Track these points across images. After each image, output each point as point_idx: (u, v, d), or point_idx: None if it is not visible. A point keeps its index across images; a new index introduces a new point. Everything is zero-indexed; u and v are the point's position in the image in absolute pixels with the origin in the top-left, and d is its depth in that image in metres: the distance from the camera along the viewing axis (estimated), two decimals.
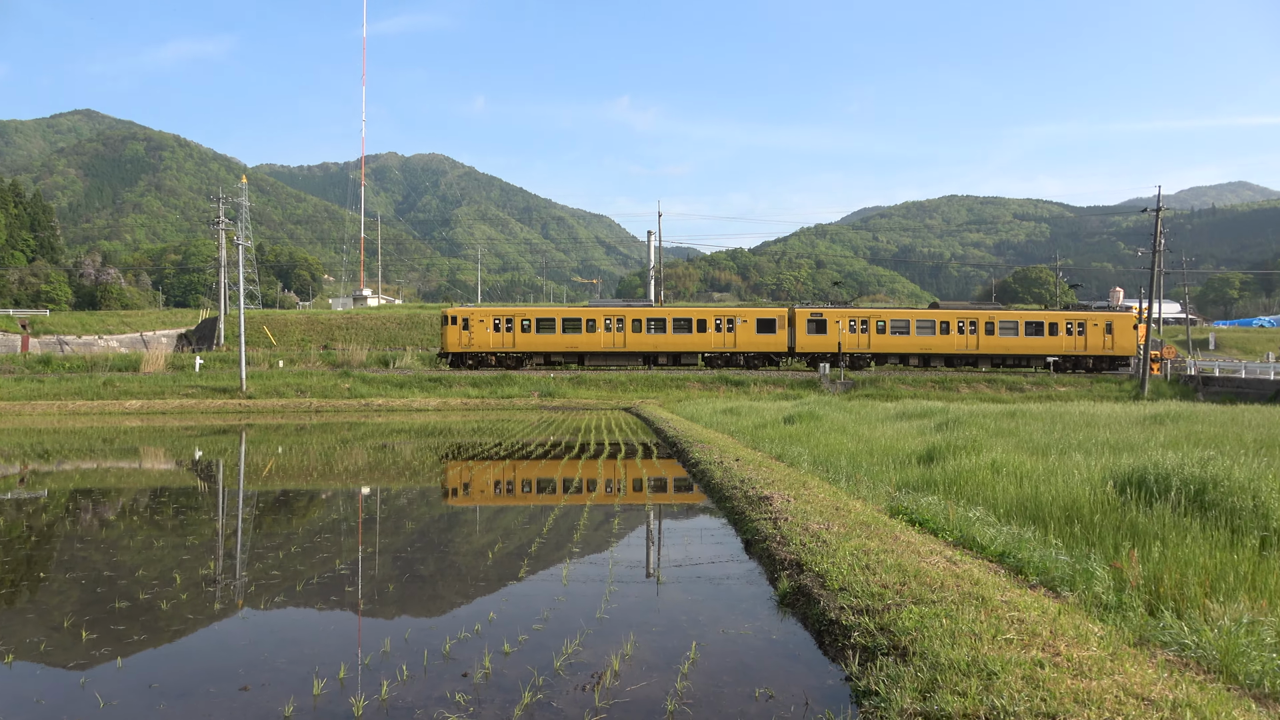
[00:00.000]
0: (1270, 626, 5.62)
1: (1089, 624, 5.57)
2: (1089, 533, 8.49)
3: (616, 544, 10.22)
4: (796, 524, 8.98)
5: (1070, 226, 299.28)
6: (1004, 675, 4.37)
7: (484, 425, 30.50)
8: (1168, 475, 9.17)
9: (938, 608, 5.64)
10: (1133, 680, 4.38)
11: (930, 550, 7.69)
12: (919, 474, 13.10)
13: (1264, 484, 8.66)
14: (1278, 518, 8.06)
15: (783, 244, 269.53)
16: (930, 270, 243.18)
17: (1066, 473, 11.34)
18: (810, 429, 21.36)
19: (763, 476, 12.93)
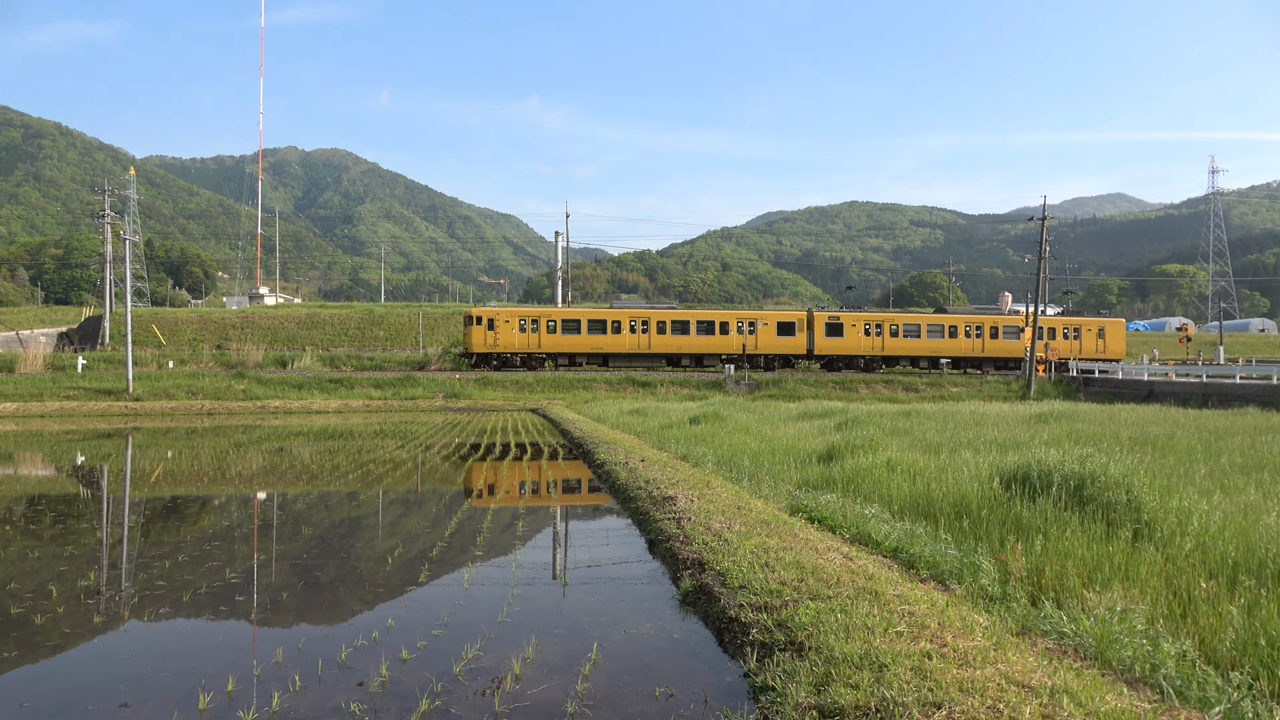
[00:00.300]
0: (1141, 614, 5.95)
1: (975, 615, 5.80)
2: (977, 527, 8.84)
3: (521, 547, 10.15)
4: (699, 523, 9.08)
5: (963, 233, 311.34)
6: (894, 667, 4.52)
7: (387, 428, 29.87)
8: (1050, 472, 9.60)
9: (833, 603, 5.79)
10: (1014, 668, 4.58)
11: (828, 547, 7.88)
12: (819, 472, 13.41)
13: (1136, 479, 9.16)
14: (1149, 511, 8.55)
15: (690, 246, 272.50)
16: (832, 274, 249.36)
17: (957, 470, 11.79)
18: (715, 429, 21.64)
19: (667, 477, 13.04)
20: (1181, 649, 5.35)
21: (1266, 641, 5.28)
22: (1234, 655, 5.28)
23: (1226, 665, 5.20)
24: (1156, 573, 6.88)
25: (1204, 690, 4.77)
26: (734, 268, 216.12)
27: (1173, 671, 4.98)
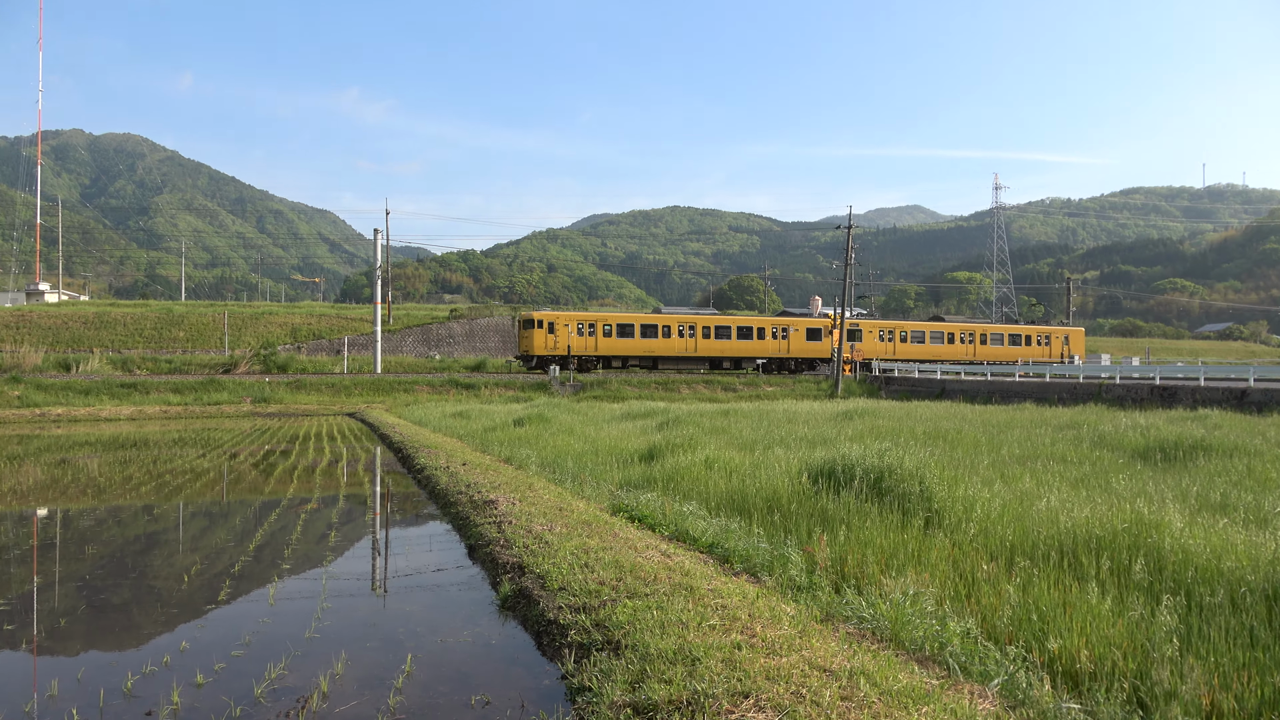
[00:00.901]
0: (931, 596, 6.40)
1: (783, 605, 6.06)
2: (787, 521, 9.23)
3: (333, 558, 9.71)
4: (520, 526, 9.01)
5: (777, 239, 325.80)
6: (706, 660, 4.64)
7: (187, 435, 27.84)
8: (853, 466, 10.17)
9: (650, 600, 5.88)
10: (818, 654, 4.81)
11: (647, 545, 8.01)
12: (641, 472, 13.62)
13: (928, 471, 9.86)
14: (939, 500, 9.22)
15: (515, 247, 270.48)
16: (655, 277, 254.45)
17: (770, 466, 12.28)
18: (539, 431, 21.56)
19: (489, 480, 12.86)
20: (966, 627, 5.79)
21: (1038, 617, 5.80)
22: (1011, 630, 5.76)
23: (1005, 640, 5.67)
24: (945, 557, 7.42)
25: (985, 665, 5.17)
26: (560, 269, 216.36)
27: (958, 649, 5.38)
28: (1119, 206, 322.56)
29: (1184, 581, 6.34)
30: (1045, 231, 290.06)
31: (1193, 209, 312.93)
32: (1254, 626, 5.34)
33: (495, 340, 75.09)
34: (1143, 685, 4.80)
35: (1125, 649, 5.18)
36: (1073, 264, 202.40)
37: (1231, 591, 5.99)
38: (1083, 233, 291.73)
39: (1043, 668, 5.22)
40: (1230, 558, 6.70)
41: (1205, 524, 7.96)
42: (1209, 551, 6.87)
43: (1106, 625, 5.53)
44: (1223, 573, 6.40)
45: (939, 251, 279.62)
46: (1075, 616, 5.68)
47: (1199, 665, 4.81)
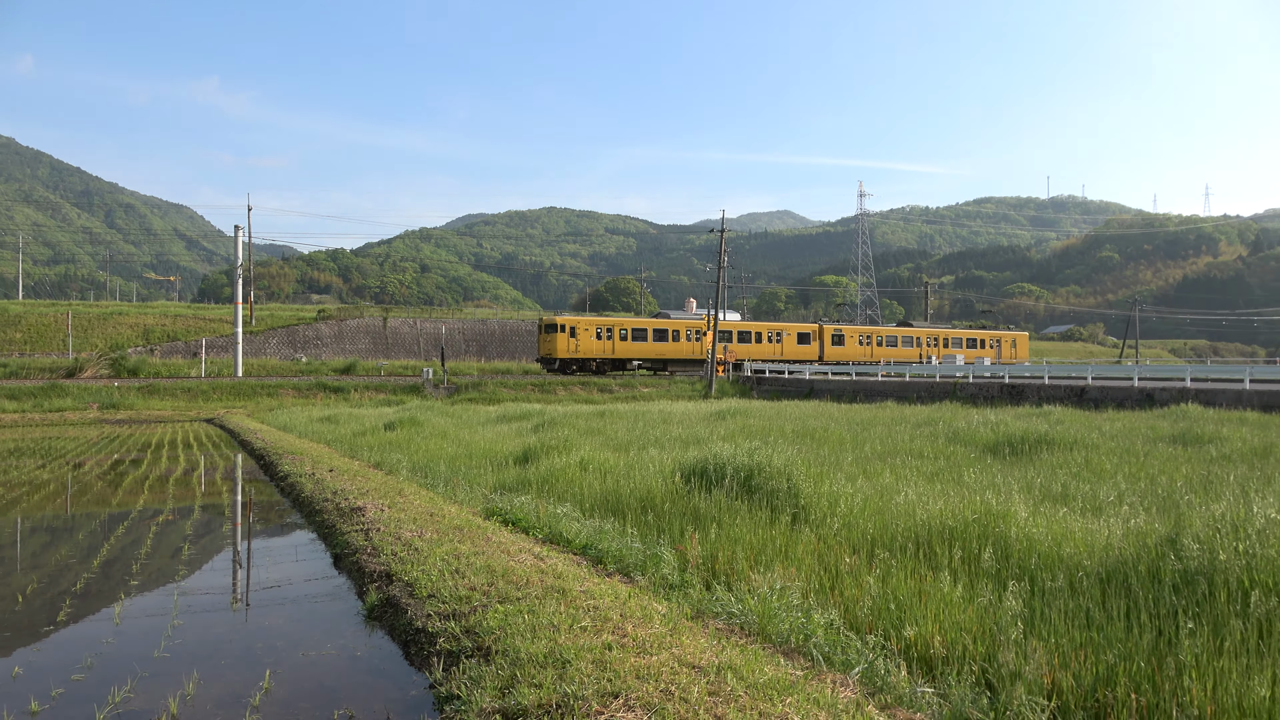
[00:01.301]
0: (797, 590, 6.59)
1: (655, 604, 6.11)
2: (661, 520, 9.33)
3: (187, 572, 9.20)
4: (389, 533, 8.77)
5: (653, 242, 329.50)
6: (577, 662, 4.62)
7: (26, 445, 25.83)
8: (724, 465, 10.37)
9: (522, 604, 5.82)
10: (687, 651, 4.87)
11: (520, 549, 7.93)
12: (515, 474, 13.50)
13: (796, 469, 10.15)
14: (805, 496, 9.50)
15: (387, 246, 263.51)
16: (532, 278, 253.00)
17: (644, 467, 12.38)
18: (411, 435, 21.08)
19: (357, 486, 12.47)
20: (830, 619, 5.99)
21: (896, 606, 6.05)
22: (871, 620, 6.00)
23: (866, 629, 5.89)
24: (811, 552, 7.66)
25: (847, 654, 5.36)
26: (434, 269, 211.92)
27: (822, 640, 5.55)
28: (973, 215, 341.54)
29: (1028, 568, 6.75)
30: (906, 237, 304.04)
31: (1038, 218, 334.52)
32: (1090, 608, 5.73)
33: (366, 342, 72.96)
34: (990, 667, 5.08)
35: (975, 633, 5.47)
36: (931, 269, 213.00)
37: (1070, 576, 6.40)
38: (940, 239, 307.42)
39: (900, 654, 5.45)
40: (1069, 544, 7.17)
41: (1047, 513, 8.49)
42: (1051, 539, 7.33)
43: (958, 612, 5.82)
44: (1062, 559, 6.84)
45: (808, 255, 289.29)
46: (930, 604, 5.96)
47: (1041, 646, 5.12)
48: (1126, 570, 6.22)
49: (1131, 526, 7.64)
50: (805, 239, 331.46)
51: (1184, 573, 5.84)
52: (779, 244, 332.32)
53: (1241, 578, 5.56)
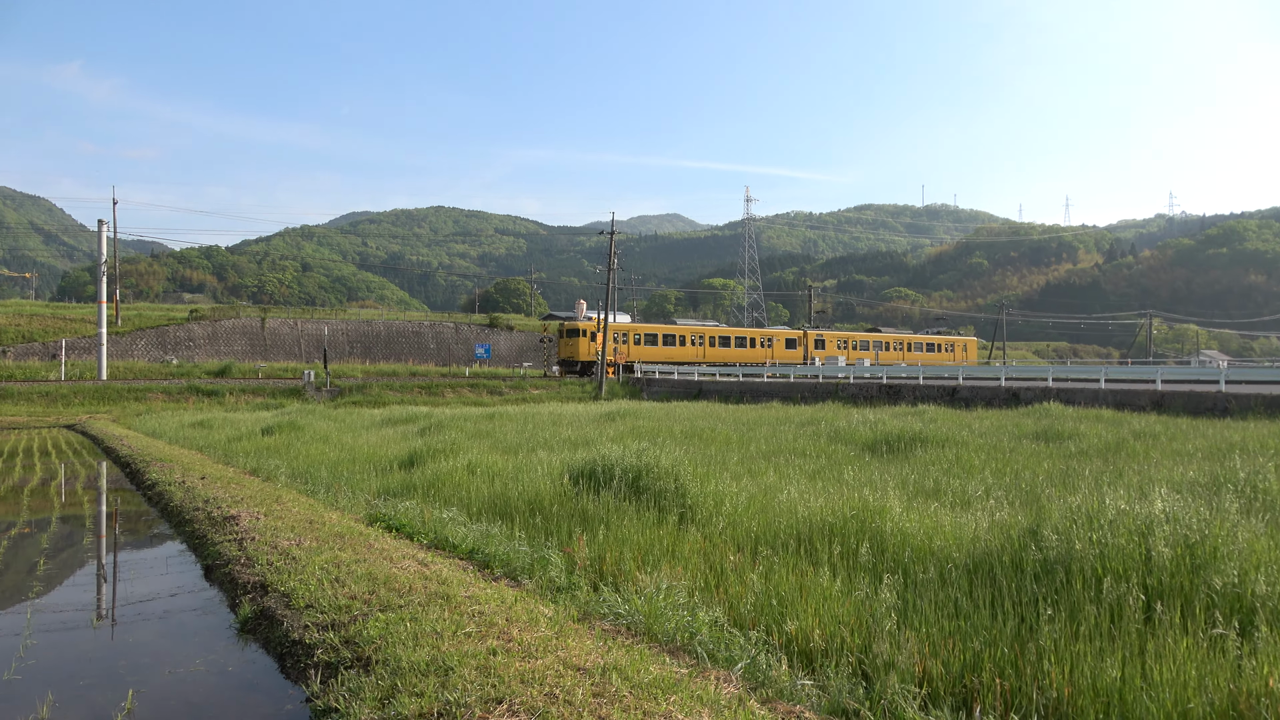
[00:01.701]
0: (683, 589, 6.66)
1: (541, 607, 6.08)
2: (549, 523, 9.29)
3: (42, 589, 8.61)
4: (265, 542, 8.44)
5: (544, 243, 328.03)
6: (460, 669, 4.55)
7: None
8: (612, 466, 10.41)
9: (404, 612, 5.69)
10: (573, 653, 4.86)
11: (404, 555, 7.76)
12: (400, 479, 13.21)
13: (683, 469, 10.27)
14: (692, 496, 9.63)
15: (266, 244, 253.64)
16: (419, 278, 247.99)
17: (532, 469, 12.31)
18: (291, 439, 20.34)
19: (231, 494, 11.95)
20: (715, 616, 6.09)
21: (778, 601, 6.19)
22: (754, 616, 6.12)
23: (749, 625, 6.01)
24: (697, 550, 7.77)
25: (730, 650, 5.46)
26: (316, 268, 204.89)
27: (707, 637, 5.64)
28: (853, 221, 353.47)
29: (902, 561, 7.01)
30: (790, 242, 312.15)
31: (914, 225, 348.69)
32: (958, 598, 6.00)
33: (243, 343, 69.97)
34: (866, 658, 5.26)
35: (852, 626, 5.65)
36: (814, 273, 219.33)
37: (941, 568, 6.69)
38: (823, 244, 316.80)
39: (782, 649, 5.58)
40: (940, 538, 7.49)
41: (920, 508, 8.86)
42: (923, 533, 7.65)
43: (837, 605, 6.00)
44: (934, 551, 7.14)
45: (697, 258, 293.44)
46: (810, 599, 6.13)
47: (913, 636, 5.33)
48: (992, 561, 6.53)
49: (997, 519, 8.04)
50: (694, 242, 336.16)
51: (1044, 562, 6.18)
52: (669, 247, 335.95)
53: (1095, 565, 5.91)
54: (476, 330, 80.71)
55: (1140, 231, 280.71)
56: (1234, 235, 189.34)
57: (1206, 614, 5.35)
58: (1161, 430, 17.92)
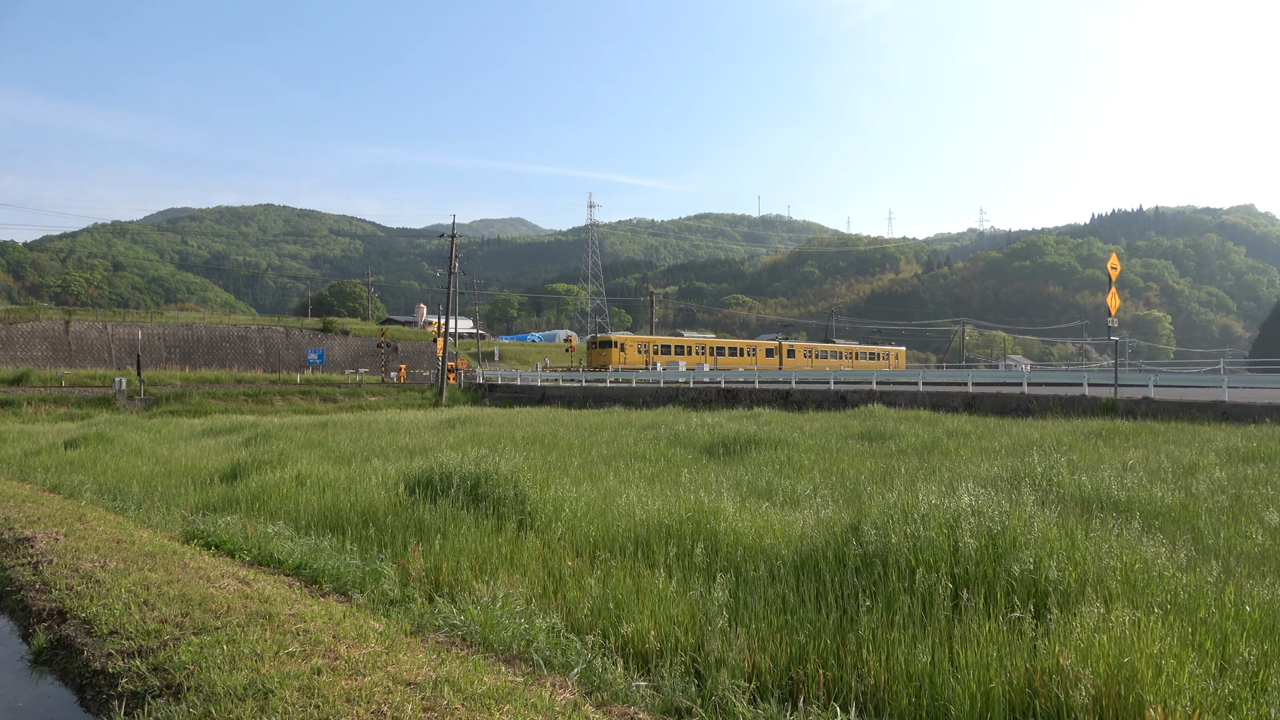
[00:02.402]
0: (521, 596, 6.61)
1: (371, 622, 5.88)
2: (383, 534, 9.00)
3: None
4: (65, 565, 7.76)
5: (382, 245, 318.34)
6: (281, 691, 4.34)
7: None
8: (450, 474, 10.21)
9: (221, 634, 5.37)
10: (403, 668, 4.72)
11: (223, 574, 7.32)
12: (222, 493, 12.47)
13: (523, 475, 10.20)
14: (532, 502, 9.57)
15: (71, 240, 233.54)
16: (246, 280, 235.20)
17: (366, 479, 11.90)
18: (98, 452, 18.80)
19: (26, 514, 10.92)
20: (552, 623, 6.07)
21: (615, 605, 6.25)
22: (591, 621, 6.15)
23: (586, 630, 6.03)
24: (536, 557, 7.73)
25: (567, 656, 5.46)
26: (129, 267, 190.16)
27: (543, 644, 5.62)
28: (694, 229, 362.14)
29: (735, 560, 7.22)
30: (633, 248, 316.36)
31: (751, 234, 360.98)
32: (786, 594, 6.23)
33: (44, 349, 64.12)
34: (699, 656, 5.38)
35: (686, 625, 5.78)
36: (656, 279, 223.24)
37: (770, 565, 6.93)
38: (664, 251, 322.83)
39: (618, 651, 5.64)
40: (770, 536, 7.77)
41: (753, 508, 9.16)
42: (755, 532, 7.91)
43: (672, 606, 6.11)
44: (764, 550, 7.40)
45: (540, 263, 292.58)
46: (646, 601, 6.22)
47: (744, 633, 5.50)
48: (818, 557, 6.83)
49: (823, 517, 8.42)
50: (538, 247, 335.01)
51: (864, 556, 6.51)
52: (512, 251, 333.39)
53: (909, 558, 6.29)
54: (309, 335, 77.29)
55: (955, 244, 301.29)
56: (1035, 249, 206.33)
57: (1007, 599, 5.79)
58: (972, 429, 19.28)
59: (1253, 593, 6.10)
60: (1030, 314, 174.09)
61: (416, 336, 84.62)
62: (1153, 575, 6.36)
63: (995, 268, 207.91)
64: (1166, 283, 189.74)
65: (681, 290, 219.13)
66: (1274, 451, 14.19)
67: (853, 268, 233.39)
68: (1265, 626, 5.51)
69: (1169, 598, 6.00)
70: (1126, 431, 18.10)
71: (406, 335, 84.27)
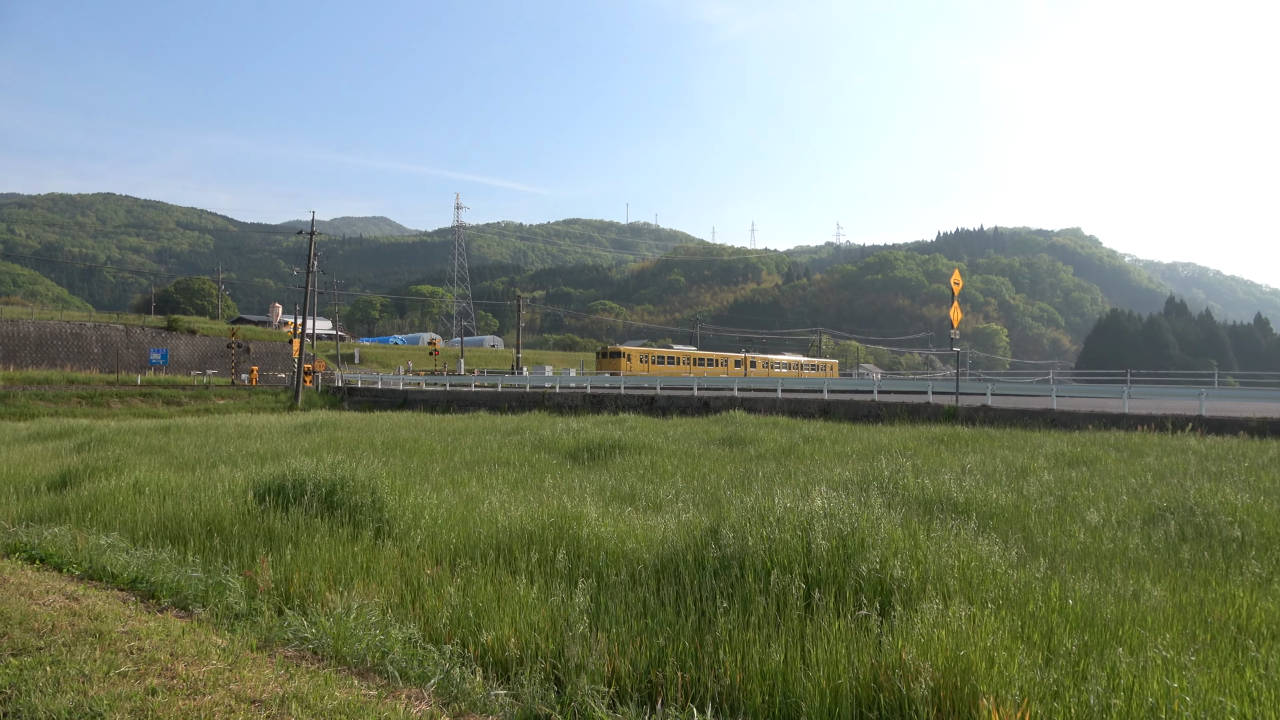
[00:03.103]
0: (377, 607, 6.43)
1: (214, 638, 5.59)
2: (229, 545, 8.56)
3: None
4: None
5: (235, 240, 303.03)
6: (111, 714, 4.07)
7: None
8: (304, 480, 9.81)
9: (44, 655, 4.98)
10: (248, 685, 4.51)
11: (48, 589, 6.80)
12: (49, 502, 11.57)
13: (381, 481, 9.92)
14: (390, 509, 9.33)
15: None
16: (83, 273, 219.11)
17: (212, 486, 11.30)
18: None
19: None
20: (409, 633, 5.93)
21: (475, 613, 6.16)
22: (450, 630, 6.04)
23: (445, 639, 5.92)
24: (394, 566, 7.53)
25: (424, 667, 5.34)
26: None
27: (400, 655, 5.47)
28: (562, 234, 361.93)
29: (597, 565, 7.26)
30: (501, 252, 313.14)
31: (619, 241, 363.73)
32: (647, 598, 6.31)
33: None
34: (560, 663, 5.38)
35: (547, 632, 5.76)
36: (524, 283, 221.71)
37: (632, 570, 7.00)
38: (532, 255, 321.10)
39: (477, 660, 5.56)
40: (632, 540, 7.84)
41: (616, 513, 9.23)
42: (617, 537, 7.96)
43: (533, 613, 6.08)
44: (626, 554, 7.46)
45: (405, 264, 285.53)
46: (507, 608, 6.16)
47: (604, 637, 5.53)
48: (678, 561, 6.94)
49: (684, 521, 8.56)
50: (402, 247, 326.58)
51: (722, 559, 6.67)
52: (375, 251, 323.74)
53: (765, 559, 6.48)
54: (152, 334, 72.67)
55: (813, 257, 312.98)
56: (887, 264, 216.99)
57: (855, 598, 6.04)
58: (827, 435, 20.05)
59: (1075, 587, 6.60)
60: (881, 325, 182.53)
61: (271, 337, 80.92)
62: (987, 572, 6.79)
63: (850, 280, 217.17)
64: (1004, 298, 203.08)
65: (549, 295, 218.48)
66: (1095, 456, 15.40)
67: (717, 276, 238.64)
68: (1085, 618, 5.97)
69: (1002, 593, 6.42)
70: (966, 437, 19.24)
71: (260, 336, 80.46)
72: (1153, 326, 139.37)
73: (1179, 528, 8.98)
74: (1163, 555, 8.02)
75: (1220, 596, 6.66)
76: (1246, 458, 14.83)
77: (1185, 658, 5.09)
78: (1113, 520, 9.47)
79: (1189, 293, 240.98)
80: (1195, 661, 5.09)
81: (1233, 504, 9.68)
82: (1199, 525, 9.05)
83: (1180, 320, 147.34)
